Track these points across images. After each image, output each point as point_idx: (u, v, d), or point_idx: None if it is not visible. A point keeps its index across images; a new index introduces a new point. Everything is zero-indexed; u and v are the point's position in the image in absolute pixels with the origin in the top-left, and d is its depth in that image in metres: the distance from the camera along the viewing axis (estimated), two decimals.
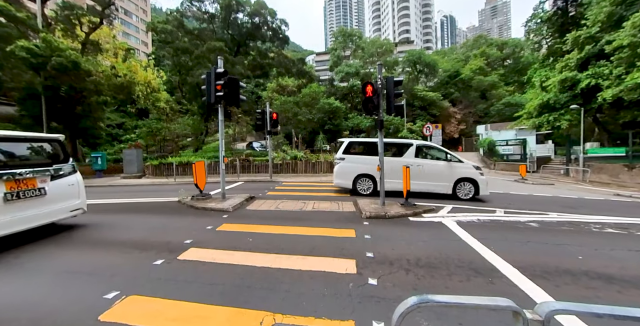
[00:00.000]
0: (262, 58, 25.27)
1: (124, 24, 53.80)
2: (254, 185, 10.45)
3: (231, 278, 2.80)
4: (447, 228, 4.64)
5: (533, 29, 25.24)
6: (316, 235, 4.22)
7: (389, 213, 5.21)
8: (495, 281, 2.83)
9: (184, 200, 6.62)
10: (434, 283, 2.76)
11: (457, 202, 6.98)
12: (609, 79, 15.42)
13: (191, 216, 5.46)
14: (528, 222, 5.18)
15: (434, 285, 2.71)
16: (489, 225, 4.93)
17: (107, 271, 2.93)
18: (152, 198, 7.56)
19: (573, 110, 17.52)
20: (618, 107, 17.28)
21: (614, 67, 15.24)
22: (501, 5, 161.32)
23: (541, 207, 6.75)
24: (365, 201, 6.35)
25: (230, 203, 6.14)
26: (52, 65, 10.28)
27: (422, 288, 2.64)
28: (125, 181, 11.97)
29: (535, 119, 19.79)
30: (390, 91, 5.62)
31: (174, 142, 27.36)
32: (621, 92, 13.97)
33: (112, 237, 4.12)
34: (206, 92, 6.24)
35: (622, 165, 16.66)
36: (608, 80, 15.43)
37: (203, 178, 6.83)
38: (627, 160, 16.74)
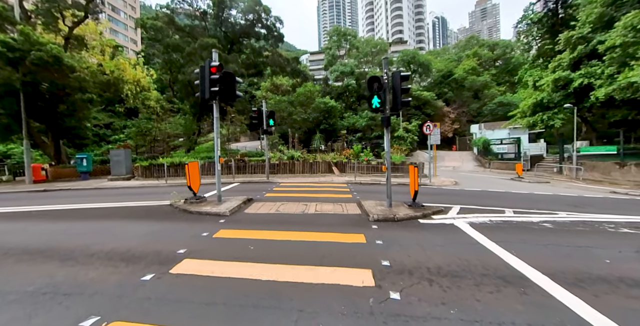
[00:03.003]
0: (256, 56, 24.75)
1: (111, 21, 52.17)
2: (251, 187, 10.02)
3: (233, 295, 2.43)
4: (461, 231, 4.38)
5: (524, 31, 25.60)
6: (323, 241, 3.88)
7: (397, 215, 4.92)
8: (528, 291, 2.56)
9: (176, 203, 6.16)
10: (463, 295, 2.46)
11: (466, 203, 6.77)
12: (601, 79, 15.64)
13: (184, 221, 5.03)
14: (541, 223, 4.98)
15: (463, 298, 2.41)
16: (503, 227, 4.70)
17: (86, 290, 2.51)
18: (142, 201, 7.05)
19: (566, 109, 17.75)
20: (608, 106, 17.59)
21: (606, 67, 15.47)
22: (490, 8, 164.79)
23: (547, 206, 6.61)
24: (370, 202, 6.05)
25: (227, 206, 5.73)
26: (31, 59, 9.59)
27: (451, 302, 2.34)
28: (112, 183, 11.32)
29: (529, 118, 19.99)
30: (397, 86, 5.34)
31: (165, 143, 26.52)
32: (614, 91, 14.16)
33: (95, 247, 3.67)
34: (200, 88, 5.81)
35: (613, 162, 16.96)
36: (600, 80, 15.66)
37: (197, 179, 6.39)
38: (619, 158, 17.06)
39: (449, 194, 8.80)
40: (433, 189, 9.98)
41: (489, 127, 31.21)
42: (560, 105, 18.36)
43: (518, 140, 23.86)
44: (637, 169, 15.80)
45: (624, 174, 16.18)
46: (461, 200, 7.16)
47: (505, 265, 3.10)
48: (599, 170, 17.54)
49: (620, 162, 16.60)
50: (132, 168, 13.25)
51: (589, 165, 17.78)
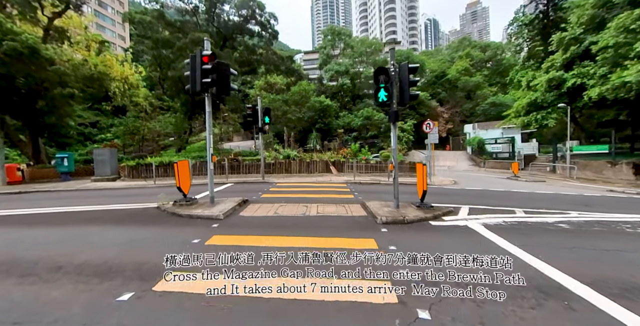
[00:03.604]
0: (250, 54, 24.08)
1: (98, 16, 50.34)
2: (246, 187, 9.51)
3: (229, 320, 1.99)
4: (477, 234, 4.05)
5: (515, 32, 25.98)
6: (331, 247, 3.47)
7: (407, 217, 4.56)
8: (574, 305, 2.23)
9: (164, 206, 5.63)
10: (502, 312, 2.11)
11: (472, 202, 6.50)
12: (594, 79, 15.84)
13: (173, 226, 4.52)
14: (557, 223, 4.72)
15: (504, 316, 2.06)
16: (520, 228, 4.41)
17: (45, 317, 2.02)
18: (126, 204, 6.47)
19: (560, 108, 17.95)
20: (599, 106, 17.86)
21: (598, 67, 15.67)
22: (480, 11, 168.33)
23: (555, 206, 6.41)
24: (375, 203, 5.68)
25: (221, 208, 5.24)
26: (3, 50, 8.80)
27: (491, 322, 1.98)
28: (96, 184, 10.58)
29: (524, 117, 20.15)
30: (405, 79, 4.99)
31: (155, 142, 25.55)
32: (607, 91, 14.31)
33: (63, 258, 3.14)
34: (190, 80, 5.30)
35: (605, 161, 17.22)
36: (593, 80, 15.85)
37: (187, 180, 5.87)
38: (610, 157, 17.34)
39: (451, 194, 8.55)
40: (434, 189, 9.70)
41: (482, 126, 31.50)
42: (554, 105, 18.57)
43: (512, 139, 24.09)
44: (628, 168, 16.07)
45: (616, 173, 16.45)
46: (466, 200, 6.89)
47: (539, 274, 2.77)
48: (591, 169, 17.81)
49: (612, 161, 16.86)
50: (117, 168, 12.48)
51: (581, 164, 18.02)
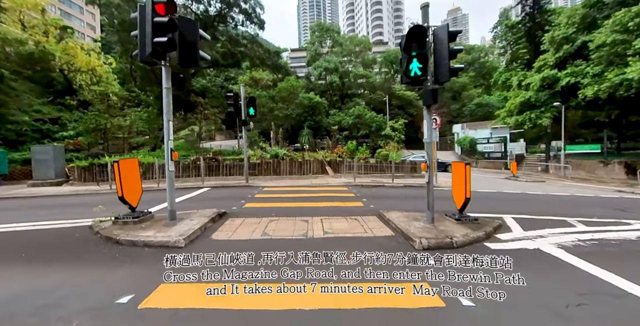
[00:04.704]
0: (234, 45, 22.11)
1: (63, 3, 45.82)
2: (225, 193, 7.81)
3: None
4: (568, 266, 2.76)
5: (499, 36, 26.33)
6: (364, 308, 2.01)
7: (455, 238, 3.21)
8: None
9: (99, 225, 3.90)
10: None
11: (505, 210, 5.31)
12: (587, 77, 15.67)
13: (97, 266, 2.82)
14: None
15: None
16: (612, 251, 3.19)
17: None
18: (56, 220, 4.62)
19: (553, 107, 17.75)
20: (591, 106, 17.84)
21: (592, 66, 15.51)
22: (460, 17, 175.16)
23: (595, 212, 5.41)
24: (397, 215, 4.30)
25: (183, 229, 3.61)
26: None
27: None
28: (32, 190, 8.40)
29: (517, 117, 19.86)
30: (443, 48, 3.66)
31: (125, 140, 22.86)
32: (603, 89, 14.06)
33: None
34: (139, 41, 3.64)
35: (598, 161, 17.16)
36: (586, 79, 15.67)
37: (136, 186, 4.18)
38: (602, 157, 17.33)
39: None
40: (442, 192, 8.56)
41: (471, 126, 31.50)
42: (547, 104, 18.39)
43: (504, 139, 23.92)
44: (620, 167, 16.05)
45: (609, 172, 16.41)
46: (495, 206, 5.73)
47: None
48: (584, 168, 17.75)
49: (604, 160, 16.82)
50: (64, 169, 10.22)
51: (574, 163, 17.91)
